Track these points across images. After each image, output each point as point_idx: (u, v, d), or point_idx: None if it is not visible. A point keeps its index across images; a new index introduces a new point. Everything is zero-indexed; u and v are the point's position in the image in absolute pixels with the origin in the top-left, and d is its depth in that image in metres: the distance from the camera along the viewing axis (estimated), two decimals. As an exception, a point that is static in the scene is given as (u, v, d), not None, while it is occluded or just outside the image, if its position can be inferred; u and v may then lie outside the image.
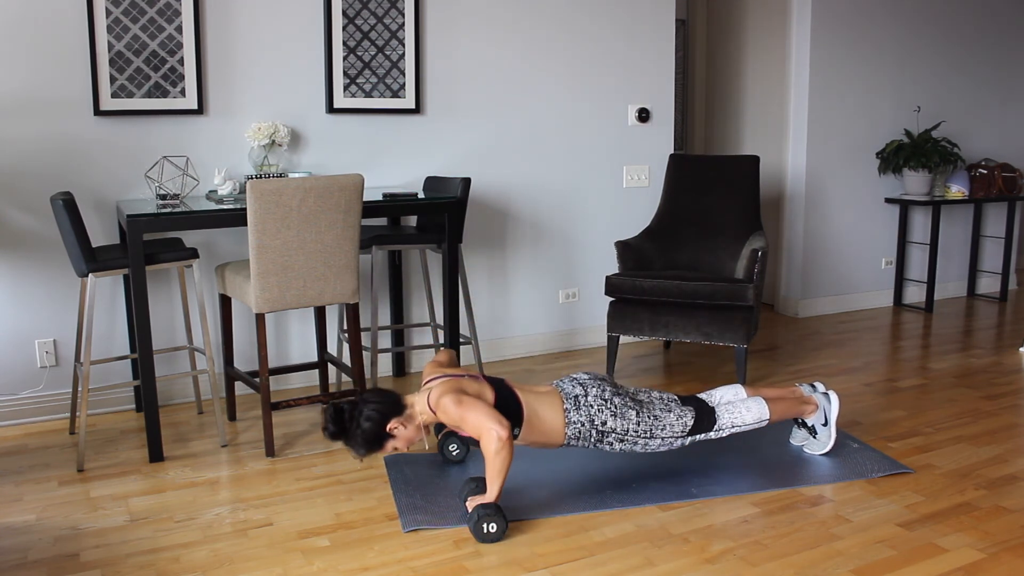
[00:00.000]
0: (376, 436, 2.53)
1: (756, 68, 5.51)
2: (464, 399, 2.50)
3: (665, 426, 2.70)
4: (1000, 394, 3.74)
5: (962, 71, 5.68)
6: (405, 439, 2.57)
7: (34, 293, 3.43)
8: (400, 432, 2.56)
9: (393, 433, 2.55)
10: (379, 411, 2.53)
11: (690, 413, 2.74)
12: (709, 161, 4.41)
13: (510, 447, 2.43)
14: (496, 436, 2.41)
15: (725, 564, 2.31)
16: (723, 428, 2.77)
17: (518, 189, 4.30)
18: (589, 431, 2.65)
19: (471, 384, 2.61)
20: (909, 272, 5.66)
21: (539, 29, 4.22)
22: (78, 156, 3.42)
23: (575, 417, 2.63)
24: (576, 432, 2.64)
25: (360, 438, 2.53)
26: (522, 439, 2.63)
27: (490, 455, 2.43)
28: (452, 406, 2.49)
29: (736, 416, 2.78)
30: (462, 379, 2.62)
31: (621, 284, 3.86)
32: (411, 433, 2.58)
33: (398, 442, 2.57)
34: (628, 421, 2.66)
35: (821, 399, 3.00)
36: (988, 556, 2.33)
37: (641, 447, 2.70)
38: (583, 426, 2.64)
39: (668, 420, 2.71)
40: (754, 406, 2.81)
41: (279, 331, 3.88)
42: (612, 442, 2.67)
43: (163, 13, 3.43)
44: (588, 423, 2.64)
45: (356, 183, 3.04)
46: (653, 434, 2.69)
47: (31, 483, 2.87)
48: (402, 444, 2.58)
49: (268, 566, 2.31)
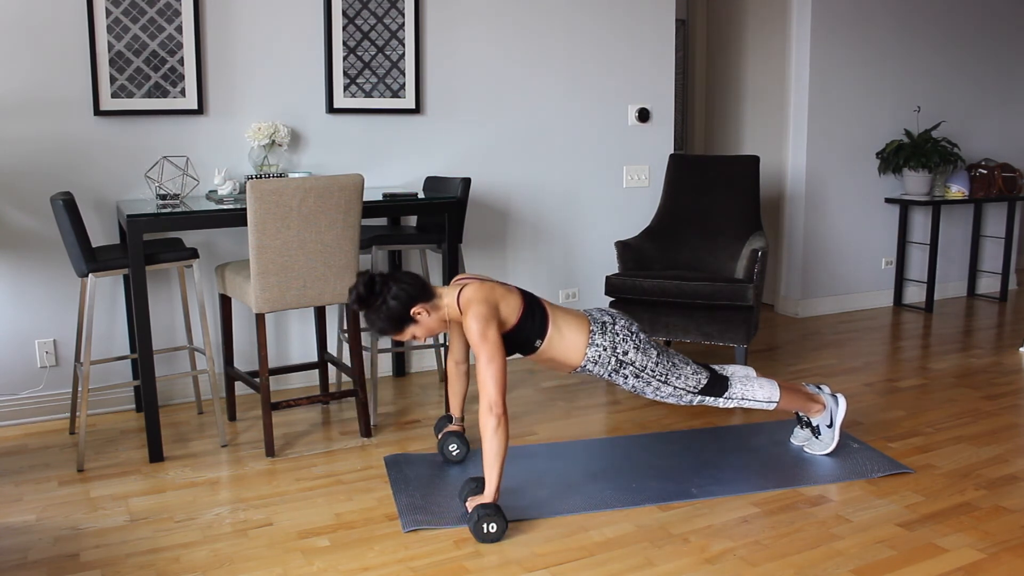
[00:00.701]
0: (400, 316, 2.51)
1: (756, 68, 5.51)
2: (490, 336, 2.46)
3: (681, 376, 2.73)
4: (1000, 394, 3.74)
5: (962, 71, 5.68)
6: (426, 327, 2.56)
7: (34, 293, 3.43)
8: (423, 319, 2.54)
9: (416, 318, 2.53)
10: (408, 292, 2.52)
11: (705, 374, 2.79)
12: (709, 161, 4.41)
13: (506, 426, 2.43)
14: (495, 413, 2.41)
15: (725, 564, 2.31)
16: (733, 397, 2.80)
17: (518, 189, 4.30)
18: (609, 357, 2.66)
19: (503, 293, 2.60)
20: (909, 272, 5.66)
21: (539, 29, 4.22)
22: (78, 156, 3.42)
23: (599, 340, 2.66)
24: (596, 355, 2.66)
25: (384, 313, 2.51)
26: (541, 352, 2.63)
27: (487, 433, 2.42)
28: (477, 331, 2.46)
29: (747, 390, 2.81)
30: (496, 287, 2.61)
31: (621, 284, 3.86)
32: (433, 323, 2.56)
33: (418, 329, 2.55)
34: (648, 359, 2.69)
35: (829, 400, 3.01)
36: (988, 556, 2.33)
37: (653, 390, 2.72)
38: (604, 351, 2.66)
39: (685, 372, 2.74)
40: (767, 384, 2.85)
41: (279, 331, 3.88)
42: (627, 375, 2.69)
43: (163, 13, 3.43)
44: (610, 349, 2.66)
45: (356, 183, 3.04)
46: (668, 380, 2.72)
47: (31, 483, 2.87)
48: (422, 332, 2.55)
49: (268, 566, 2.31)
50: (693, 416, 3.49)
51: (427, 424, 3.43)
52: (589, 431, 3.33)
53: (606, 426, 3.39)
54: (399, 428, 3.38)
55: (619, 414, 3.53)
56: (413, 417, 3.51)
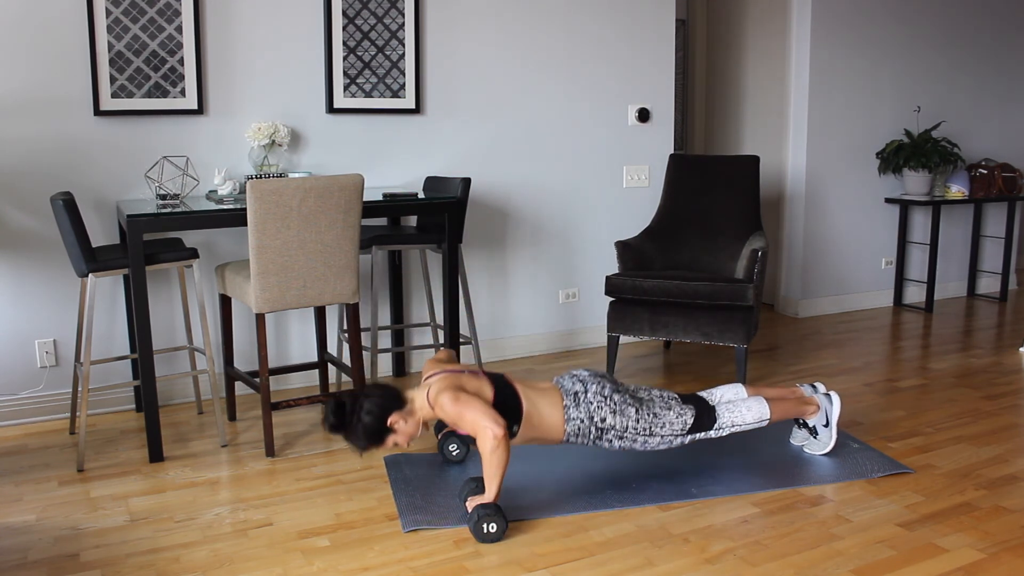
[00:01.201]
0: (376, 430, 2.52)
1: (756, 68, 5.51)
2: (461, 396, 2.50)
3: (665, 424, 2.70)
4: (1000, 394, 3.73)
5: (962, 71, 5.68)
6: (405, 434, 2.57)
7: (34, 293, 3.43)
8: (400, 427, 2.55)
9: (394, 428, 2.54)
10: (380, 405, 2.52)
11: (690, 411, 2.74)
12: (709, 161, 4.41)
13: (506, 445, 2.43)
14: (491, 435, 2.41)
15: (725, 564, 2.31)
16: (723, 427, 2.76)
17: (518, 189, 4.30)
18: (588, 428, 2.64)
19: (470, 380, 2.61)
20: (909, 272, 5.66)
21: (539, 29, 4.22)
22: (78, 156, 3.42)
23: (575, 414, 2.63)
24: (576, 429, 2.64)
25: (360, 432, 2.51)
26: (521, 436, 2.63)
27: (486, 454, 2.43)
28: (449, 403, 2.49)
29: (736, 415, 2.77)
30: (461, 375, 2.62)
31: (621, 284, 3.86)
32: (411, 428, 2.57)
33: (398, 437, 2.56)
34: (628, 418, 2.66)
35: (823, 400, 3.00)
36: (988, 556, 2.33)
37: (641, 445, 2.70)
38: (583, 423, 2.64)
39: (668, 418, 2.70)
40: (755, 405, 2.80)
41: (279, 331, 3.88)
42: (611, 439, 2.67)
43: (163, 13, 3.43)
44: (587, 420, 2.64)
45: (356, 183, 3.04)
46: (653, 432, 2.69)
47: (31, 483, 2.86)
48: (402, 439, 2.57)
49: (268, 566, 2.31)
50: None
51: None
52: (589, 431, 3.33)
53: (606, 426, 3.39)
54: (399, 428, 3.38)
55: (619, 414, 3.52)
56: (413, 417, 3.51)
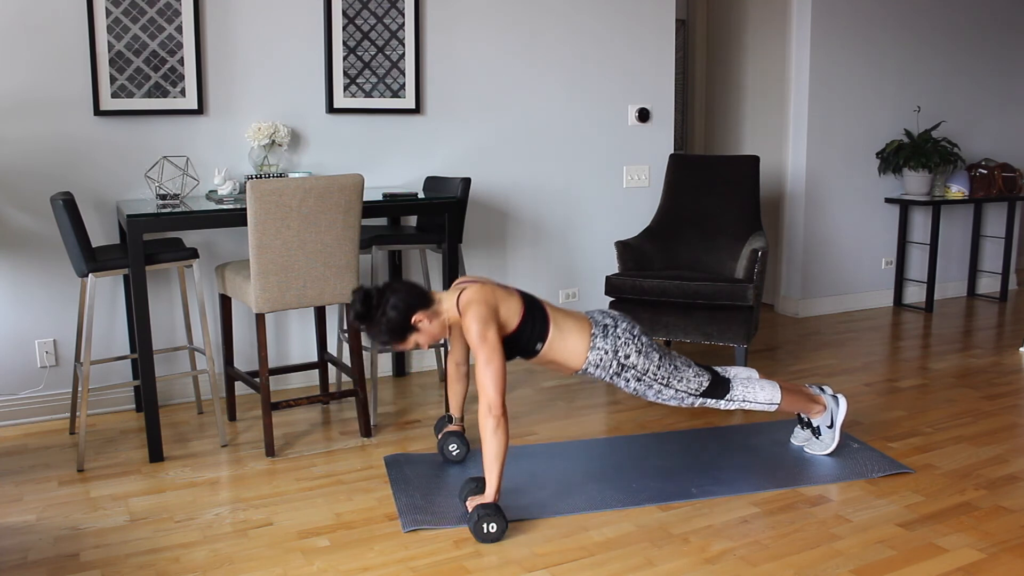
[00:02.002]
0: (400, 326, 2.50)
1: (756, 68, 5.51)
2: (489, 338, 2.45)
3: (683, 379, 2.72)
4: (1000, 394, 3.74)
5: (962, 71, 5.68)
6: (428, 334, 2.54)
7: (34, 293, 3.43)
8: (424, 326, 2.52)
9: (417, 326, 2.52)
10: (406, 301, 2.50)
11: (707, 376, 2.78)
12: (709, 161, 4.41)
13: (505, 426, 2.42)
14: (493, 414, 2.40)
15: (725, 564, 2.31)
16: (734, 399, 2.79)
17: (518, 189, 4.30)
18: (611, 361, 2.65)
19: (504, 297, 2.59)
20: (909, 272, 5.66)
21: (539, 29, 4.22)
22: (78, 156, 3.42)
23: (600, 343, 2.64)
24: (598, 359, 2.65)
25: (384, 326, 2.49)
26: (542, 356, 2.62)
27: (487, 433, 2.42)
28: (476, 333, 2.45)
29: (749, 392, 2.80)
30: (496, 288, 2.60)
31: (621, 284, 3.86)
32: (435, 329, 2.55)
33: (421, 337, 2.53)
34: (650, 362, 2.68)
35: (830, 401, 3.00)
36: (988, 556, 2.33)
37: (655, 393, 2.72)
38: (606, 354, 2.65)
39: (687, 374, 2.73)
40: (768, 387, 2.83)
41: (279, 331, 3.88)
42: (629, 378, 2.68)
43: (163, 13, 3.43)
44: (612, 352, 2.65)
45: (356, 183, 3.04)
46: (669, 383, 2.71)
47: (31, 483, 2.87)
48: (424, 340, 2.54)
49: (268, 566, 2.31)
50: (693, 416, 3.49)
51: (427, 424, 3.43)
52: (589, 431, 3.33)
53: (606, 426, 3.39)
54: (399, 428, 3.38)
55: (619, 414, 3.53)
56: (413, 417, 3.51)
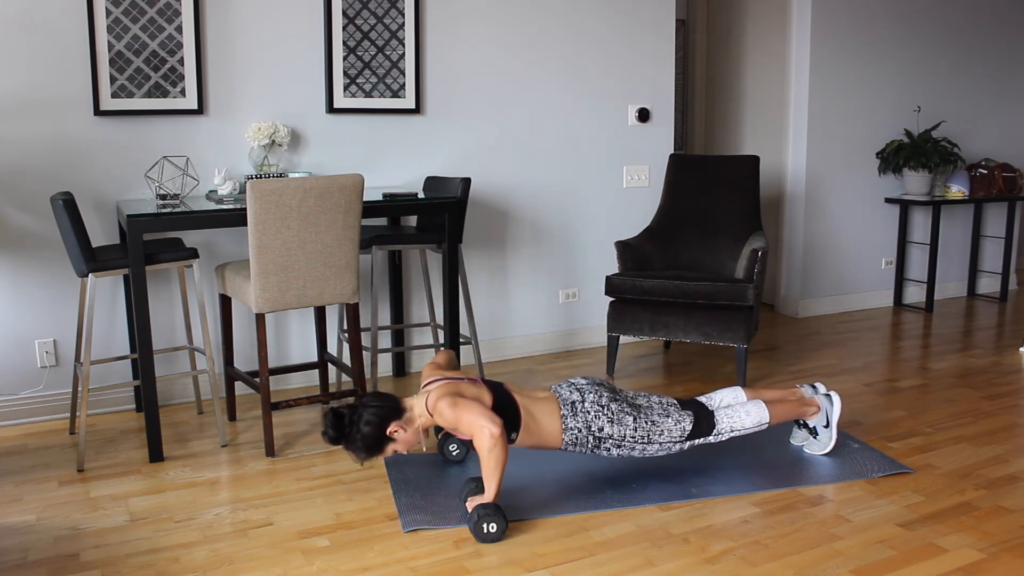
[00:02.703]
0: (376, 440, 2.53)
1: (756, 68, 5.51)
2: (459, 401, 2.50)
3: (663, 431, 2.69)
4: (1000, 394, 3.73)
5: (962, 71, 5.68)
6: (405, 442, 2.57)
7: (34, 293, 3.43)
8: (400, 435, 2.55)
9: (393, 436, 2.55)
10: (378, 415, 2.53)
11: (689, 417, 2.73)
12: (709, 161, 4.41)
13: (503, 444, 2.43)
14: (488, 433, 2.41)
15: (725, 564, 2.31)
16: (722, 432, 2.76)
17: (518, 189, 4.30)
18: (586, 437, 2.65)
19: (469, 387, 2.61)
20: (909, 272, 5.66)
21: (539, 29, 4.22)
22: (78, 156, 3.42)
23: (572, 423, 2.63)
24: (573, 438, 2.64)
25: (360, 442, 2.52)
26: (520, 443, 2.63)
27: (483, 453, 2.43)
28: (447, 409, 2.49)
29: (735, 420, 2.77)
30: (460, 382, 2.62)
31: (621, 284, 3.86)
32: (411, 436, 2.58)
33: (398, 445, 2.57)
34: (625, 427, 2.66)
35: (823, 400, 3.00)
36: (988, 556, 2.33)
37: (639, 452, 2.70)
38: (580, 432, 2.64)
39: (666, 425, 2.70)
40: (754, 410, 2.80)
41: (279, 331, 3.88)
42: (610, 447, 2.67)
43: (163, 13, 3.43)
44: (585, 429, 2.64)
45: (356, 183, 3.04)
46: (651, 440, 2.69)
47: (31, 483, 2.86)
48: (402, 447, 2.57)
49: (268, 566, 2.31)
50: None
51: (427, 424, 3.43)
52: (589, 431, 3.33)
53: (606, 426, 3.39)
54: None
55: (619, 414, 3.52)
56: (413, 417, 3.51)
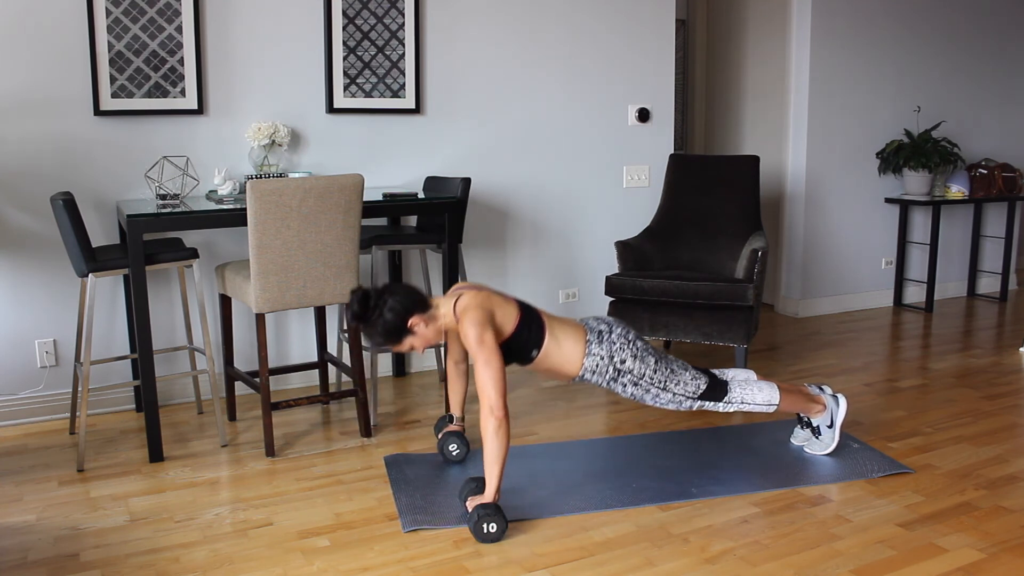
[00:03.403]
0: (396, 328, 2.52)
1: (756, 68, 5.51)
2: (487, 340, 2.46)
3: (680, 382, 2.72)
4: (1000, 394, 3.74)
5: (962, 71, 5.68)
6: (424, 338, 2.56)
7: (34, 293, 3.43)
8: (420, 330, 2.54)
9: (413, 329, 2.53)
10: (404, 304, 2.52)
11: (704, 379, 2.78)
12: (709, 161, 4.41)
13: (506, 428, 2.42)
14: (494, 416, 2.41)
15: (725, 564, 2.31)
16: (732, 401, 2.79)
17: (518, 189, 4.30)
18: (607, 366, 2.66)
19: (500, 303, 2.61)
20: (909, 272, 5.66)
21: (539, 29, 4.22)
22: (78, 156, 3.42)
23: (596, 350, 2.65)
24: (594, 365, 2.65)
25: (380, 327, 2.51)
26: (539, 362, 2.63)
27: (488, 434, 2.42)
28: (473, 336, 2.46)
29: (747, 393, 2.80)
30: (492, 295, 2.62)
31: (621, 284, 3.86)
32: (431, 333, 2.56)
33: (416, 340, 2.55)
34: (646, 366, 2.68)
35: (830, 401, 3.00)
36: (988, 556, 2.33)
37: (652, 397, 2.72)
38: (602, 360, 2.65)
39: (684, 377, 2.74)
40: (766, 388, 2.83)
41: (279, 331, 3.88)
42: (626, 383, 2.68)
43: (163, 13, 3.43)
44: (607, 358, 2.65)
45: (356, 183, 3.04)
46: (666, 386, 2.71)
47: (31, 483, 2.87)
48: (420, 343, 2.56)
49: (268, 566, 2.31)
50: (693, 416, 3.49)
51: (427, 424, 3.43)
52: (589, 431, 3.33)
53: (606, 426, 3.39)
54: (399, 428, 3.38)
55: (619, 414, 3.53)
56: (413, 417, 3.51)
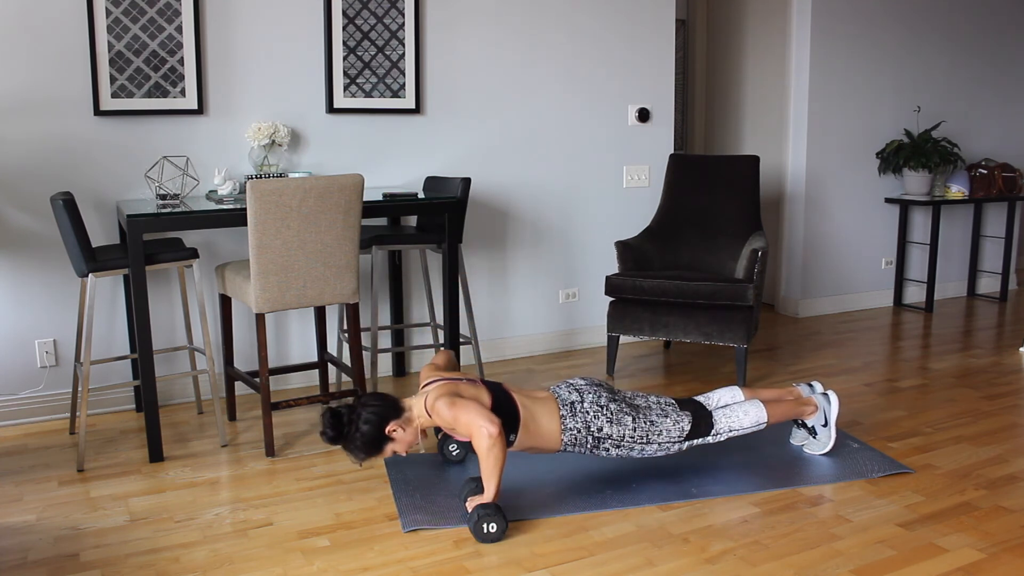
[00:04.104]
0: (375, 439, 2.53)
1: (756, 68, 5.51)
2: (457, 401, 2.49)
3: (662, 431, 2.69)
4: (1000, 394, 3.73)
5: (962, 71, 5.68)
6: (404, 442, 2.57)
7: (34, 293, 3.43)
8: (399, 435, 2.55)
9: (392, 436, 2.54)
10: (377, 414, 2.52)
11: (687, 418, 2.74)
12: (709, 161, 4.41)
13: (501, 443, 2.43)
14: (486, 433, 2.41)
15: (725, 564, 2.31)
16: (720, 432, 2.76)
17: (518, 189, 4.30)
18: (585, 437, 2.64)
19: (467, 388, 2.60)
20: (909, 272, 5.66)
21: (539, 29, 4.22)
22: (78, 156, 3.42)
23: (571, 423, 2.63)
24: (572, 438, 2.64)
25: (359, 441, 2.52)
26: (519, 444, 2.62)
27: (482, 452, 2.43)
28: (445, 408, 2.49)
29: (733, 420, 2.77)
30: (459, 383, 2.62)
31: (621, 284, 3.86)
32: (410, 436, 2.57)
33: (397, 445, 2.56)
34: (624, 427, 2.66)
35: (820, 400, 3.00)
36: (988, 556, 2.33)
37: (638, 453, 2.70)
38: (579, 432, 2.64)
39: (665, 425, 2.70)
40: (752, 409, 2.80)
41: (279, 331, 3.88)
42: (608, 448, 2.67)
43: (163, 13, 3.43)
44: (584, 429, 2.64)
45: (356, 183, 3.04)
46: (650, 440, 2.69)
47: (31, 483, 2.87)
48: (401, 448, 2.57)
49: (268, 566, 2.31)
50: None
51: (427, 424, 3.43)
52: (589, 431, 3.33)
53: (606, 426, 3.39)
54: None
55: (619, 414, 3.52)
56: (413, 417, 3.51)
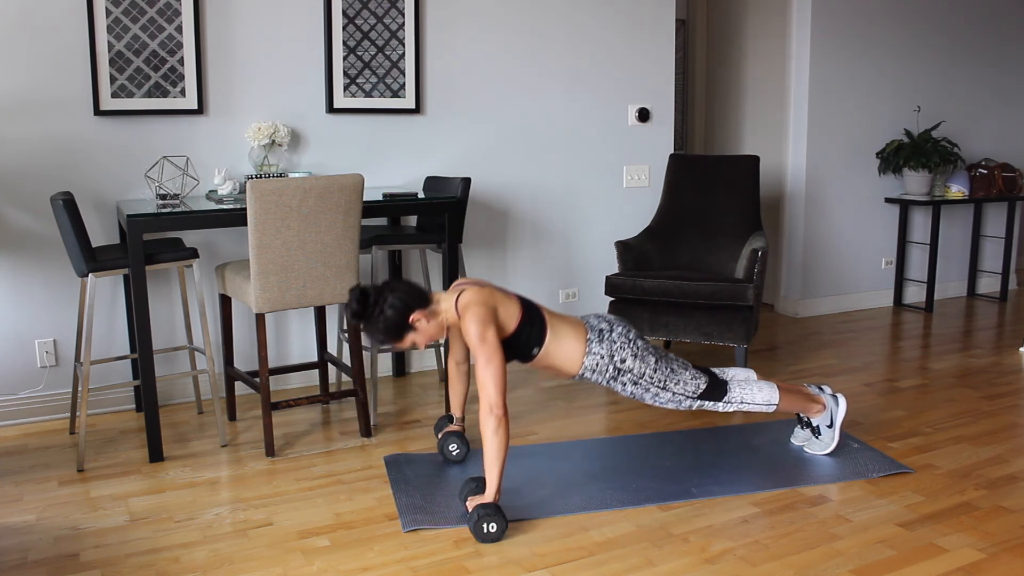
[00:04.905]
0: (397, 325, 2.50)
1: (756, 68, 5.51)
2: (488, 338, 2.46)
3: (679, 381, 2.73)
4: (1000, 394, 3.74)
5: (962, 71, 5.68)
6: (426, 334, 2.54)
7: (34, 293, 3.43)
8: (422, 326, 2.53)
9: (415, 326, 2.52)
10: (404, 300, 2.50)
11: (704, 378, 2.78)
12: (709, 161, 4.41)
13: (506, 426, 2.43)
14: (494, 415, 2.41)
15: (725, 564, 2.31)
16: (732, 401, 2.79)
17: (518, 189, 4.30)
18: (607, 365, 2.66)
19: (502, 300, 2.60)
20: (909, 272, 5.66)
21: (539, 29, 4.22)
22: (78, 156, 3.42)
23: (596, 348, 2.65)
24: (594, 364, 2.65)
25: (381, 324, 2.49)
26: (539, 360, 2.63)
27: (487, 434, 2.43)
28: (476, 334, 2.45)
29: (746, 393, 2.80)
30: (495, 292, 2.60)
31: (621, 284, 3.86)
32: (432, 329, 2.55)
33: (418, 336, 2.53)
34: (647, 365, 2.68)
35: (829, 400, 3.00)
36: (988, 556, 2.33)
37: (652, 396, 2.72)
38: (602, 359, 2.65)
39: (684, 377, 2.74)
40: (766, 387, 2.84)
41: (279, 331, 3.88)
42: (626, 382, 2.68)
43: (163, 13, 3.43)
44: (608, 357, 2.65)
45: (356, 183, 3.04)
46: (666, 386, 2.71)
47: (31, 483, 2.87)
48: (421, 339, 2.54)
49: (268, 566, 2.31)
50: (693, 416, 3.49)
51: (427, 424, 3.43)
52: (589, 431, 3.33)
53: (606, 426, 3.39)
54: (399, 428, 3.38)
55: (619, 414, 3.53)
56: (413, 417, 3.51)
